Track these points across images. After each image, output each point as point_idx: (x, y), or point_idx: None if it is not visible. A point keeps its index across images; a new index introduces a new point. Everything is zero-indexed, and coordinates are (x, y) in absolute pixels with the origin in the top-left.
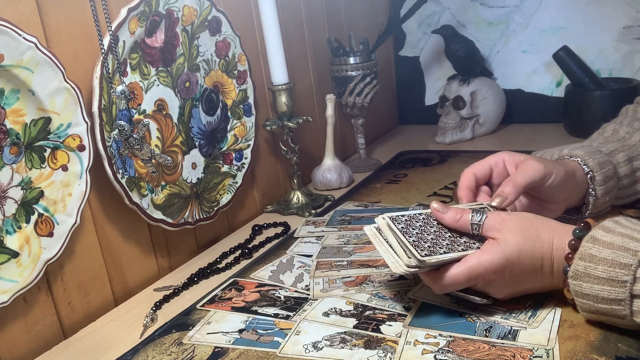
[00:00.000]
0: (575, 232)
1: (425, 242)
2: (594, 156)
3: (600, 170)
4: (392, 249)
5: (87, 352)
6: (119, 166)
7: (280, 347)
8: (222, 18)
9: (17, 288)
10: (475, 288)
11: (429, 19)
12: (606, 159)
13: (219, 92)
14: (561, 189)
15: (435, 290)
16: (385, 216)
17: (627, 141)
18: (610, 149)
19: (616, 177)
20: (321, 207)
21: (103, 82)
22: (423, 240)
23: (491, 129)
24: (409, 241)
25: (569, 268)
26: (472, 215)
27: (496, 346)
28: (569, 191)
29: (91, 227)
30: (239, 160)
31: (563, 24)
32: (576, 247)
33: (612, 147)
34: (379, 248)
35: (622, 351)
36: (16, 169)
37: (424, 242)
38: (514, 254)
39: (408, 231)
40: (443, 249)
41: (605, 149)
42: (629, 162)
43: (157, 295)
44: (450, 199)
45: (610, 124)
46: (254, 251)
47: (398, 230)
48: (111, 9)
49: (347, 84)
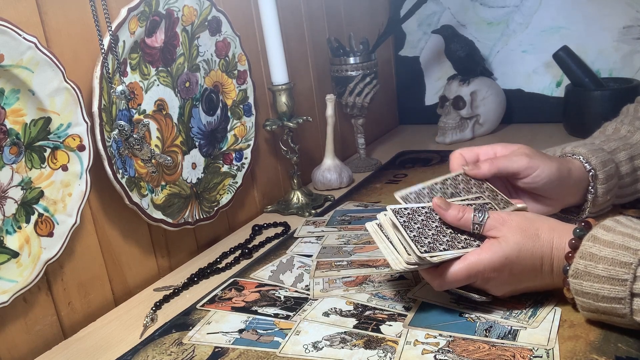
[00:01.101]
0: (576, 232)
1: (426, 238)
2: (597, 154)
3: (603, 169)
4: (392, 245)
5: (87, 352)
6: (119, 166)
7: (280, 347)
8: (222, 18)
9: (17, 288)
10: (475, 285)
11: (429, 19)
12: (609, 157)
13: (219, 92)
14: (553, 185)
15: (435, 287)
16: (388, 208)
17: (628, 140)
18: (612, 147)
19: (617, 176)
20: (321, 207)
21: (103, 82)
22: (424, 236)
23: (491, 129)
24: (410, 236)
25: (569, 267)
26: (474, 214)
27: (496, 346)
28: (564, 189)
29: (91, 227)
30: (239, 160)
31: (563, 24)
32: (576, 246)
33: (614, 145)
34: (380, 244)
35: (622, 351)
36: (16, 169)
37: (424, 237)
38: (513, 253)
39: (410, 225)
40: (443, 246)
41: (608, 147)
42: (630, 160)
43: (157, 295)
44: None
45: (612, 123)
46: (254, 251)
47: (400, 223)
48: (111, 9)
49: (347, 84)
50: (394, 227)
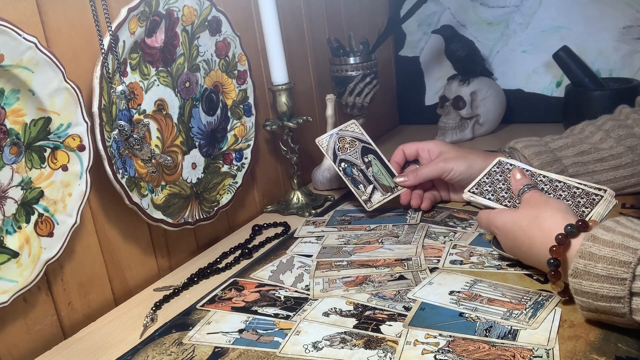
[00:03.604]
0: (567, 228)
1: (490, 186)
2: (534, 148)
3: (537, 157)
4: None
5: (87, 352)
6: (119, 166)
7: (280, 347)
8: (222, 18)
9: (17, 288)
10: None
11: (429, 19)
12: (545, 149)
13: (219, 92)
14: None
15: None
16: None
17: (587, 139)
18: (560, 144)
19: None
20: (321, 207)
21: (103, 82)
22: (489, 184)
23: (491, 129)
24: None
25: (552, 260)
26: (523, 187)
27: (496, 346)
28: None
29: (91, 227)
30: (239, 160)
31: (563, 24)
32: (562, 241)
33: (563, 142)
34: None
35: (622, 351)
36: (16, 169)
37: (489, 185)
38: (509, 223)
39: (494, 175)
40: (490, 195)
41: (555, 144)
42: (579, 155)
43: (157, 295)
44: (445, 202)
45: (584, 123)
46: (254, 251)
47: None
48: (111, 9)
49: (347, 84)
50: None
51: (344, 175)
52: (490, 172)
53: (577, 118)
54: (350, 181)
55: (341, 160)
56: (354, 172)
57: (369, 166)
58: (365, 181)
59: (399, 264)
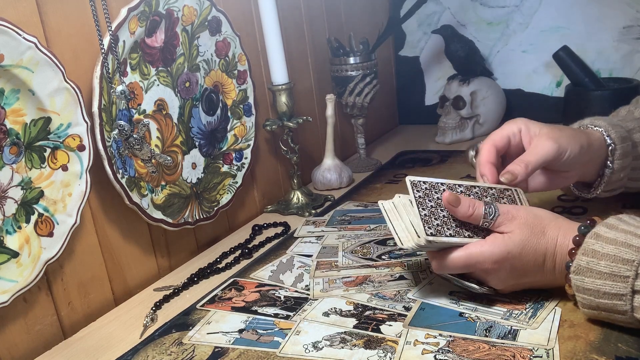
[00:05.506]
0: (581, 229)
1: (436, 219)
2: (616, 129)
3: (621, 144)
4: (403, 224)
5: (87, 352)
6: (119, 166)
7: (280, 347)
8: (222, 18)
9: (17, 288)
10: (475, 276)
11: (429, 19)
12: (626, 134)
13: (219, 92)
14: (575, 161)
15: (433, 268)
16: (407, 178)
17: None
18: (629, 127)
19: (633, 156)
20: (321, 207)
21: (103, 82)
22: (434, 217)
23: (491, 129)
24: (421, 214)
25: (571, 263)
26: (485, 212)
27: (496, 346)
28: (583, 163)
29: (91, 227)
30: (239, 160)
31: (563, 24)
32: (580, 242)
33: (631, 125)
34: (391, 223)
35: (622, 351)
36: (16, 169)
37: (434, 218)
38: (516, 249)
39: (423, 202)
40: (450, 231)
41: (625, 125)
42: None
43: (157, 295)
44: None
45: (625, 107)
46: (254, 251)
47: (415, 198)
48: (111, 9)
49: (347, 84)
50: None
51: None
52: (418, 201)
53: (577, 118)
54: None
55: None
56: None
57: None
58: None
59: (399, 264)
